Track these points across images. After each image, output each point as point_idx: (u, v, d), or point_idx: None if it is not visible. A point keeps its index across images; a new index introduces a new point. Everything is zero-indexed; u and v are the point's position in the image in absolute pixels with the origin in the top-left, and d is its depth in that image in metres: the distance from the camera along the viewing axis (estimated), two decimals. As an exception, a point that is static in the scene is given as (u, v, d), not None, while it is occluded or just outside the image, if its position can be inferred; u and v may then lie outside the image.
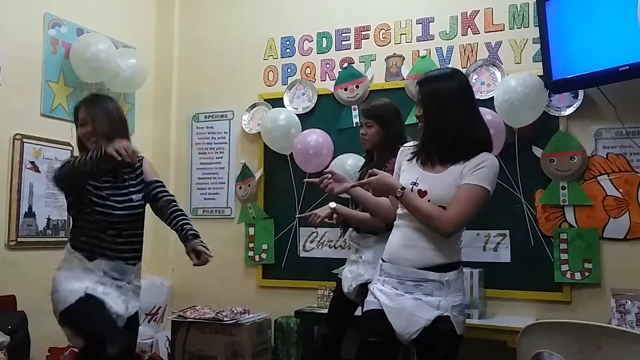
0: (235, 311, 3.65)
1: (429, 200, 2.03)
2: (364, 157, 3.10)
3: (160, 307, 4.04)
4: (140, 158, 2.50)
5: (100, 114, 2.43)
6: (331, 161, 3.59)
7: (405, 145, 2.28)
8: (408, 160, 2.18)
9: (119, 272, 2.43)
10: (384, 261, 2.15)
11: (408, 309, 2.02)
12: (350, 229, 2.96)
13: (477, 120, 2.13)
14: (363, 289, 2.63)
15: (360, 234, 2.85)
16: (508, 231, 3.36)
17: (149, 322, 3.99)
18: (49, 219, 3.53)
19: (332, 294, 3.18)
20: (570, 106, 3.24)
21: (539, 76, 3.15)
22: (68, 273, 2.40)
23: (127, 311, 2.42)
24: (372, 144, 2.87)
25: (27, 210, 3.41)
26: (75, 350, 2.86)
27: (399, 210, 2.17)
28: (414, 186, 2.07)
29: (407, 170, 2.15)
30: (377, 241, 2.72)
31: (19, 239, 3.34)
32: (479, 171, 2.00)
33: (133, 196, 2.47)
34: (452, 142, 2.06)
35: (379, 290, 2.11)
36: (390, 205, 2.28)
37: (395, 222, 2.19)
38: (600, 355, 1.60)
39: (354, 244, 2.90)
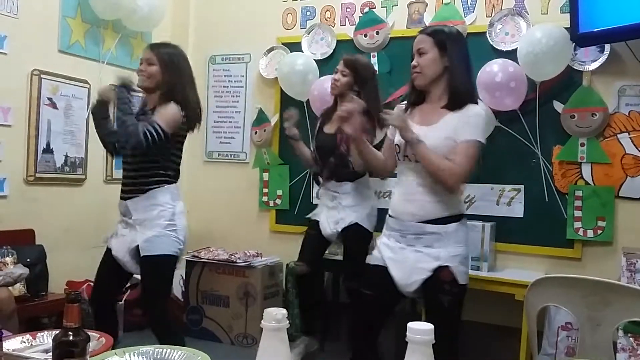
0: (248, 254, 3.72)
1: None
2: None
3: (174, 247, 4.11)
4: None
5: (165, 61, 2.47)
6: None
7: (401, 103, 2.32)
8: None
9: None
10: (390, 216, 2.22)
11: (409, 261, 2.10)
12: (327, 178, 3.14)
13: (471, 73, 2.23)
14: (345, 231, 3.02)
15: (338, 182, 3.06)
16: (523, 186, 3.34)
17: (163, 260, 4.07)
18: (66, 156, 3.57)
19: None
20: (596, 61, 3.16)
21: (566, 28, 3.05)
22: None
23: (129, 248, 2.49)
24: (339, 91, 3.06)
25: (45, 147, 3.45)
26: (91, 283, 2.96)
27: (401, 166, 2.19)
28: None
29: None
30: (354, 187, 3.06)
31: (37, 175, 3.39)
32: (475, 125, 2.05)
33: None
34: (451, 90, 2.11)
35: (384, 245, 2.20)
36: (384, 160, 2.30)
37: (397, 178, 2.24)
38: (608, 311, 1.61)
39: (331, 192, 3.11)
